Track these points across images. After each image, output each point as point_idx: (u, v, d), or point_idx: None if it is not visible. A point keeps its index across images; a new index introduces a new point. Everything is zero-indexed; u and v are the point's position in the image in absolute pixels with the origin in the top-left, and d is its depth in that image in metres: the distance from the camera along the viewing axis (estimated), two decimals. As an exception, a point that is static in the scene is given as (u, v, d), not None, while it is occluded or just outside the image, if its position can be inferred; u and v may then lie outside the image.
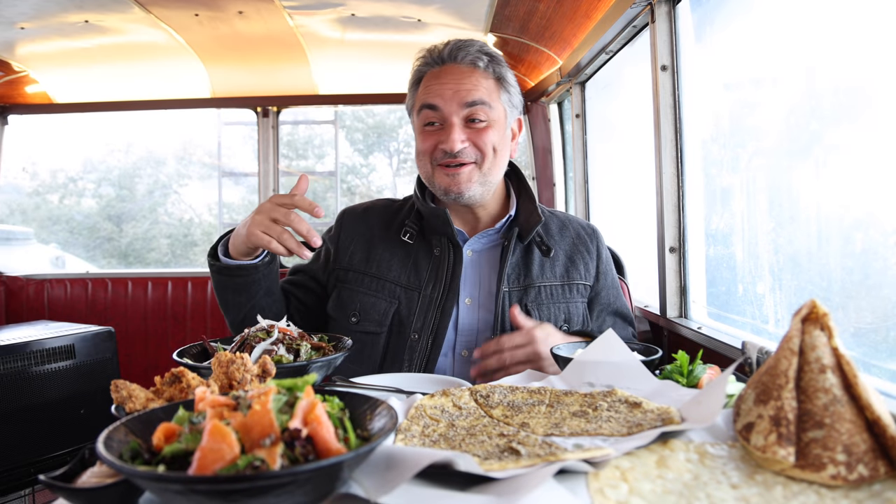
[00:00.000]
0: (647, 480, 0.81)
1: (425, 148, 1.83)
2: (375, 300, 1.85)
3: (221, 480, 0.66)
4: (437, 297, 1.81)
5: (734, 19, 2.24)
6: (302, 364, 1.27)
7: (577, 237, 1.98)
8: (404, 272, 1.86)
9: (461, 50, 1.83)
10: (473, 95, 1.79)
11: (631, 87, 3.07)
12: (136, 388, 0.98)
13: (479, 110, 1.79)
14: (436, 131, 1.82)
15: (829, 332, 0.89)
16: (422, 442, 0.97)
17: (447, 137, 1.78)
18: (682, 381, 1.26)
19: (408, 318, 1.81)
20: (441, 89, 1.80)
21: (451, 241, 1.85)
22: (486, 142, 1.80)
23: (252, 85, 4.42)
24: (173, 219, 13.96)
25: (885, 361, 1.50)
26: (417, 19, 3.32)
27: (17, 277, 4.45)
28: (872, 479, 0.78)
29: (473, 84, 1.80)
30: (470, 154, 1.80)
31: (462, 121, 1.79)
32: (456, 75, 1.81)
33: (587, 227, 2.03)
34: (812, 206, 1.80)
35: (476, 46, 1.85)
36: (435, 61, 1.86)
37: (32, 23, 3.26)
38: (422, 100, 1.83)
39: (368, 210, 2.03)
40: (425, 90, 1.84)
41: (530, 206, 1.91)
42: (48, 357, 2.97)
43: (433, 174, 1.84)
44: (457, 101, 1.78)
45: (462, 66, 1.83)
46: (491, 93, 1.83)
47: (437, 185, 1.84)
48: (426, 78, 1.86)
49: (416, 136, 1.90)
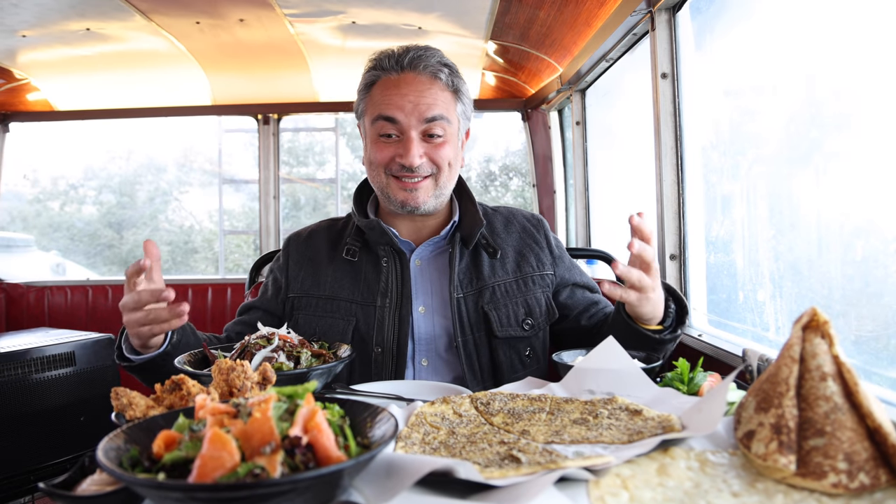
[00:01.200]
0: (647, 488, 0.81)
1: (380, 159, 1.80)
2: (332, 321, 1.83)
3: (222, 488, 0.66)
4: (391, 306, 1.80)
5: (734, 27, 2.25)
6: (302, 371, 1.27)
7: (524, 230, 1.97)
8: (357, 289, 1.84)
9: (421, 59, 1.79)
10: (433, 111, 1.76)
11: (631, 95, 3.08)
12: (137, 396, 0.98)
13: (437, 125, 1.77)
14: (392, 143, 1.79)
15: (830, 339, 0.89)
16: (422, 449, 0.96)
17: (406, 152, 1.75)
18: (682, 389, 1.26)
19: (367, 333, 1.80)
20: (401, 101, 1.76)
21: (394, 249, 1.84)
22: (442, 157, 1.79)
23: (253, 92, 4.43)
24: (174, 226, 13.98)
25: (886, 369, 1.49)
26: (418, 27, 3.33)
27: (18, 284, 4.45)
28: (874, 487, 0.78)
29: (433, 98, 1.77)
30: (426, 168, 1.79)
31: (420, 135, 1.77)
32: (415, 86, 1.77)
33: (531, 217, 2.03)
34: (812, 213, 1.80)
35: (436, 57, 1.82)
36: (392, 67, 1.81)
37: (34, 31, 3.27)
38: (379, 109, 1.79)
39: (312, 234, 2.01)
40: (383, 99, 1.79)
41: (472, 208, 1.90)
42: (48, 364, 2.97)
43: (387, 185, 1.82)
44: (416, 115, 1.75)
45: (422, 76, 1.79)
46: (448, 106, 1.81)
47: (393, 198, 1.82)
48: (382, 84, 1.81)
49: (368, 144, 1.86)
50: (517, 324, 1.83)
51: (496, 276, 1.86)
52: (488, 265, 1.87)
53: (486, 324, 1.81)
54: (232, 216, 12.19)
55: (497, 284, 1.85)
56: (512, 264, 1.90)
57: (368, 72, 1.87)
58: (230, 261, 12.10)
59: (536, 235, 1.97)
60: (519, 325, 1.83)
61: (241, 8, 3.08)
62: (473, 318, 1.82)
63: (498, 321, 1.81)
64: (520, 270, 1.89)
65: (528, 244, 1.95)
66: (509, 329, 1.82)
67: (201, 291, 4.46)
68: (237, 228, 13.00)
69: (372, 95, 1.84)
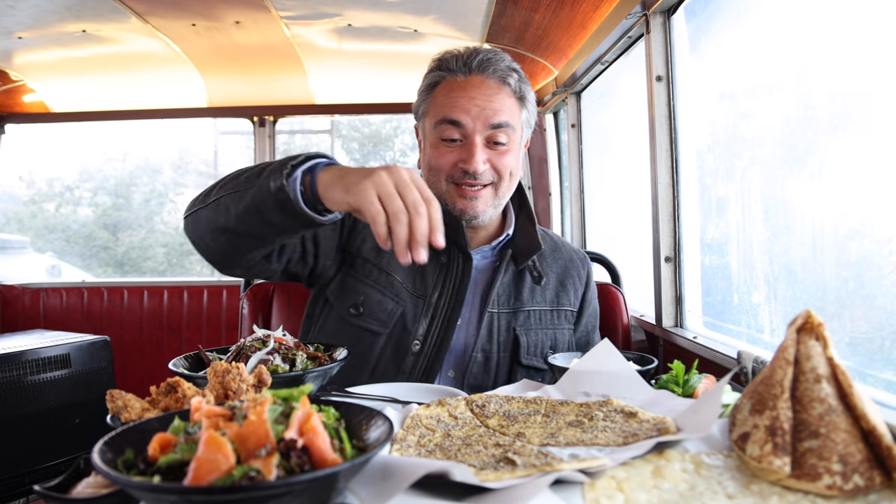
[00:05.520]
0: (642, 490, 0.81)
1: (442, 164, 1.71)
2: (383, 297, 1.73)
3: (217, 491, 0.66)
4: (442, 305, 1.71)
5: (729, 30, 2.25)
6: (298, 374, 1.26)
7: (570, 261, 1.92)
8: (410, 276, 1.74)
9: (490, 63, 1.70)
10: (500, 117, 1.68)
11: (626, 97, 3.09)
12: (132, 398, 0.98)
13: (502, 132, 1.69)
14: (455, 149, 1.71)
15: (825, 341, 0.90)
16: (417, 452, 0.96)
17: (469, 158, 1.67)
18: (677, 391, 1.26)
19: (412, 324, 1.71)
20: (467, 104, 1.67)
21: (461, 250, 1.74)
22: (505, 165, 1.71)
23: (249, 94, 4.43)
24: (169, 228, 13.93)
25: (881, 371, 1.50)
26: (414, 29, 3.34)
27: (13, 286, 4.44)
28: (868, 488, 0.79)
29: (500, 104, 1.69)
30: (488, 176, 1.71)
31: (484, 140, 1.69)
32: (483, 91, 1.69)
33: (578, 252, 1.98)
34: (807, 215, 1.81)
35: (506, 62, 1.73)
36: (459, 69, 1.72)
37: (30, 32, 3.26)
38: (443, 112, 1.69)
39: None
40: (448, 101, 1.70)
41: (530, 229, 1.83)
42: (43, 366, 2.96)
43: (447, 193, 1.73)
44: (482, 119, 1.67)
45: (490, 80, 1.70)
46: (514, 113, 1.73)
47: (452, 206, 1.73)
48: (447, 86, 1.72)
49: (428, 147, 1.77)
50: (541, 354, 1.79)
51: (534, 300, 1.81)
52: (528, 288, 1.81)
53: (514, 347, 1.76)
54: (228, 218, 12.13)
55: (533, 310, 1.80)
56: (551, 293, 1.84)
57: (432, 72, 1.77)
58: (226, 263, 12.05)
59: (581, 271, 1.92)
60: (542, 357, 1.78)
61: (237, 10, 3.08)
62: (503, 337, 1.76)
63: (526, 347, 1.76)
64: (557, 301, 1.84)
65: (571, 277, 1.89)
66: (533, 359, 1.77)
67: (197, 293, 4.45)
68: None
69: (435, 97, 1.75)
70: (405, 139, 13.98)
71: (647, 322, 2.57)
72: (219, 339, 4.38)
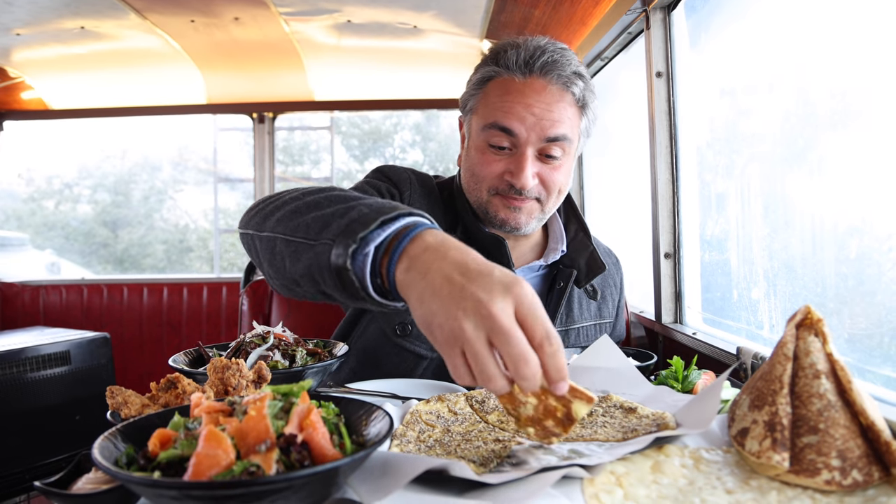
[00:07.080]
0: (642, 486, 0.81)
1: (486, 173, 1.56)
2: None
3: (217, 486, 0.66)
4: None
5: (729, 26, 2.25)
6: (297, 370, 1.27)
7: (608, 269, 1.79)
8: None
9: (555, 66, 1.52)
10: (558, 129, 1.51)
11: (626, 93, 3.08)
12: (132, 394, 0.98)
13: (557, 146, 1.53)
14: (503, 157, 1.55)
15: (824, 337, 0.90)
16: (417, 447, 0.97)
17: (518, 171, 1.51)
18: (677, 387, 1.26)
19: None
20: (523, 112, 1.50)
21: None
22: (555, 181, 1.57)
23: (248, 91, 4.42)
24: (169, 224, 13.93)
25: (879, 367, 1.50)
26: (413, 25, 3.33)
27: (13, 283, 4.44)
28: (867, 484, 0.79)
29: (560, 114, 1.52)
30: (534, 191, 1.56)
31: (535, 152, 1.53)
32: (544, 97, 1.51)
33: (611, 255, 1.86)
34: (807, 211, 1.80)
35: (571, 66, 1.54)
36: (519, 69, 1.52)
37: (28, 29, 3.26)
38: (494, 116, 1.53)
39: (428, 196, 1.67)
40: (502, 104, 1.52)
41: (588, 244, 1.68)
42: (43, 363, 2.96)
43: (488, 202, 1.59)
44: (537, 131, 1.50)
45: (552, 86, 1.52)
46: (573, 124, 1.56)
47: (493, 215, 1.59)
48: (502, 85, 1.54)
49: (473, 149, 1.61)
50: None
51: (583, 317, 1.70)
52: (578, 303, 1.68)
53: None
54: (227, 215, 12.14)
55: (582, 327, 1.69)
56: (595, 307, 1.73)
57: (486, 66, 1.58)
58: (225, 260, 12.06)
59: (616, 278, 1.82)
60: None
61: (236, 6, 3.07)
62: None
63: None
64: (599, 314, 1.73)
65: (609, 287, 1.78)
66: None
67: (196, 290, 4.45)
68: (232, 227, 12.96)
69: (487, 95, 1.57)
70: (405, 135, 13.97)
71: (646, 318, 2.57)
72: (219, 336, 4.38)
